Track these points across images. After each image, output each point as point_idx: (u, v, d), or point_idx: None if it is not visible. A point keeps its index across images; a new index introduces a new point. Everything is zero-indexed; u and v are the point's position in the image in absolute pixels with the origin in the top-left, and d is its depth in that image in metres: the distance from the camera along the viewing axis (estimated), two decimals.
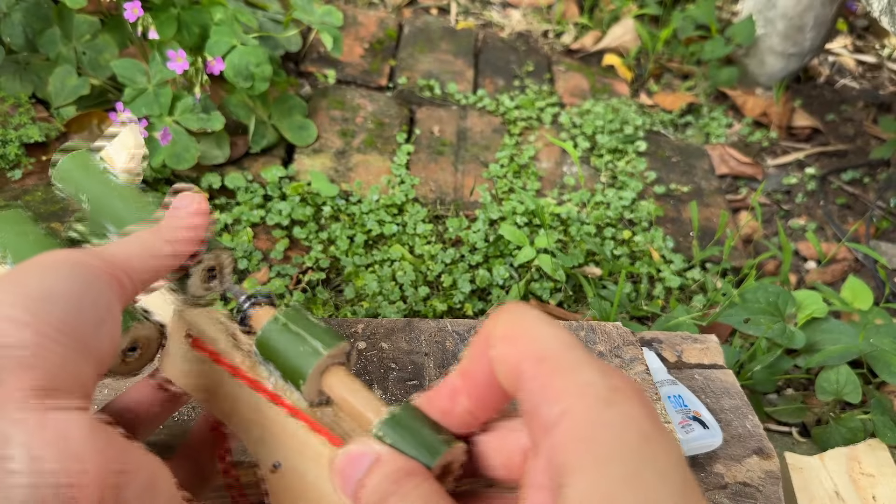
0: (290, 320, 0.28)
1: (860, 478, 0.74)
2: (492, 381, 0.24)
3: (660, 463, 0.19)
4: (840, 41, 1.77)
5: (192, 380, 0.30)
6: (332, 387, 0.27)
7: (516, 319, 0.23)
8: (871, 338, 0.86)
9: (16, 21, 0.97)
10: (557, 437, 0.20)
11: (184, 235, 0.29)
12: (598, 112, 1.35)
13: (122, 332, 0.29)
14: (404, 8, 1.56)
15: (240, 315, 0.30)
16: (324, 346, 0.27)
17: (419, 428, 0.24)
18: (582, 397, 0.20)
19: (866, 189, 1.34)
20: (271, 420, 0.28)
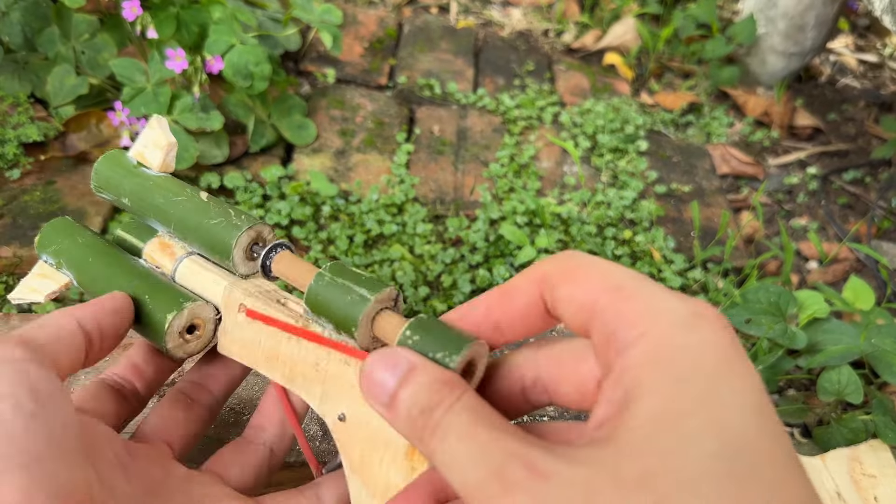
0: (335, 273, 0.28)
1: (862, 478, 0.74)
2: (532, 311, 0.24)
3: (736, 386, 0.19)
4: (841, 40, 1.76)
5: (252, 351, 0.31)
6: (383, 330, 0.27)
7: (580, 259, 0.23)
8: (872, 338, 0.85)
9: (14, 20, 0.97)
10: (632, 358, 0.20)
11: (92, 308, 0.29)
12: (599, 111, 1.35)
13: (176, 314, 0.31)
14: (404, 7, 1.55)
15: (262, 264, 0.32)
16: (370, 292, 0.27)
17: (443, 328, 0.25)
18: (661, 321, 0.20)
19: (868, 189, 1.34)
20: (331, 374, 0.28)
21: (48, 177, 0.98)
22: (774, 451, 0.19)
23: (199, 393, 0.34)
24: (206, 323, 0.33)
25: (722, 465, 0.18)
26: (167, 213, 0.34)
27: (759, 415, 0.19)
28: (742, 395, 0.19)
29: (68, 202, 0.94)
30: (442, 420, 0.22)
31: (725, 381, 0.19)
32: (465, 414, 0.21)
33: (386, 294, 0.28)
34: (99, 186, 0.36)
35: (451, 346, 0.24)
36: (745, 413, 0.19)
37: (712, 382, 0.19)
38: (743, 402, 0.19)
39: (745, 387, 0.19)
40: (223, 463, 0.32)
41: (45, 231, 0.36)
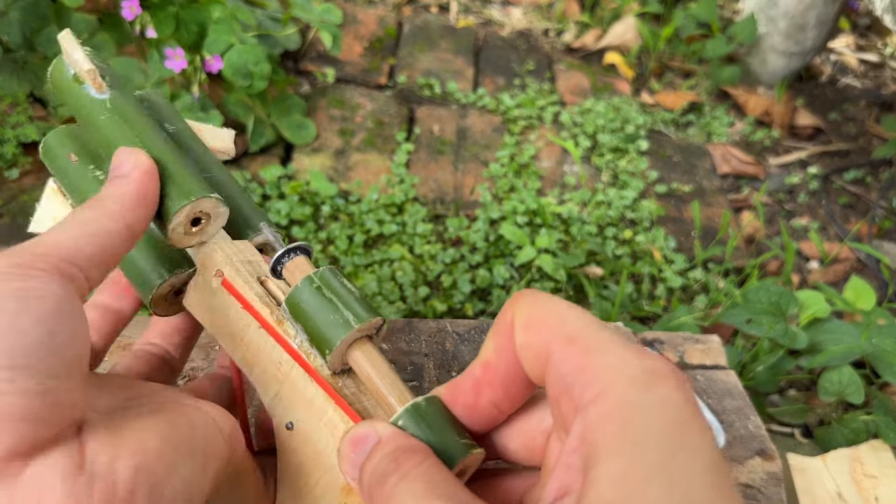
0: (325, 283, 0.26)
1: (863, 479, 0.74)
2: (516, 371, 0.23)
3: (693, 446, 0.19)
4: (842, 40, 1.76)
5: (217, 320, 0.29)
6: (357, 361, 0.26)
7: (538, 304, 0.22)
8: (873, 338, 0.85)
9: (13, 20, 0.97)
10: (591, 417, 0.20)
11: (134, 202, 0.25)
12: (600, 111, 1.34)
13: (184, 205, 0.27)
14: (404, 6, 1.55)
15: (275, 266, 0.29)
16: (355, 318, 0.26)
17: (442, 426, 0.23)
18: (618, 378, 0.20)
19: (869, 189, 1.34)
20: (292, 380, 0.27)
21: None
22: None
23: (159, 350, 0.33)
24: (211, 219, 0.29)
25: None
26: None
27: (716, 481, 0.19)
28: (698, 455, 0.19)
29: None
30: (396, 488, 0.21)
31: (682, 442, 0.19)
32: (419, 483, 0.21)
33: (371, 323, 0.26)
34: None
35: (447, 451, 0.23)
36: (702, 479, 0.19)
37: (670, 445, 0.19)
38: (701, 464, 0.19)
39: (702, 446, 0.19)
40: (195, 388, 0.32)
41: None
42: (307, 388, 0.26)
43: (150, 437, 0.23)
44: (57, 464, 0.20)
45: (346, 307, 0.26)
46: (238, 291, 0.28)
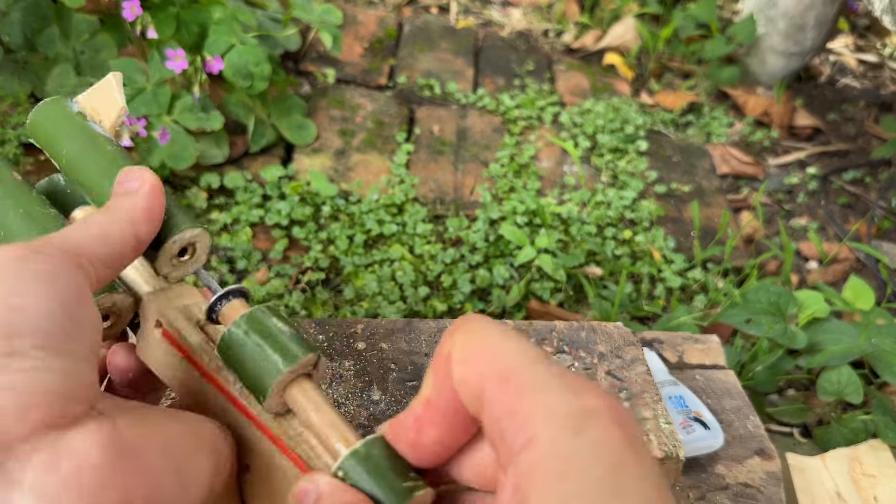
0: (252, 328, 0.26)
1: (861, 478, 0.74)
2: (457, 408, 0.22)
3: (629, 498, 0.18)
4: (841, 40, 1.76)
5: (165, 368, 0.28)
6: (296, 402, 0.25)
7: (473, 336, 0.21)
8: (872, 338, 0.85)
9: (14, 20, 0.97)
10: (522, 467, 0.19)
11: (142, 214, 0.26)
12: (599, 111, 1.35)
13: (98, 297, 0.28)
14: (404, 7, 1.55)
15: (210, 313, 0.28)
16: (285, 361, 0.25)
17: (384, 470, 0.23)
18: (548, 423, 0.19)
19: (868, 189, 1.34)
20: (239, 426, 0.27)
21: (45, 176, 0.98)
22: None
23: None
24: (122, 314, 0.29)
25: None
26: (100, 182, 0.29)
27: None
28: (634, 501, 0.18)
29: None
30: None
31: (617, 489, 0.18)
32: None
33: (302, 363, 0.25)
34: (35, 133, 0.31)
35: (391, 496, 0.22)
36: None
37: (603, 495, 0.18)
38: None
39: (638, 490, 0.18)
40: None
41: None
42: (252, 434, 0.26)
43: (171, 425, 0.23)
44: (92, 434, 0.20)
45: (276, 350, 0.25)
46: (177, 341, 0.28)
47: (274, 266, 0.96)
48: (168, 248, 0.28)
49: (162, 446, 0.22)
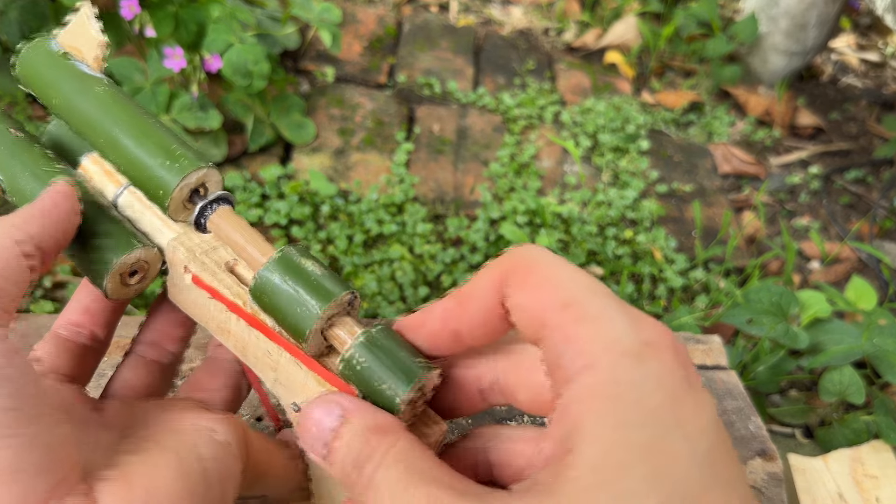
0: (283, 270, 0.25)
1: (864, 479, 0.74)
2: (492, 318, 0.22)
3: (685, 430, 0.18)
4: (843, 39, 1.75)
5: (201, 315, 0.28)
6: (340, 341, 0.25)
7: (535, 263, 0.21)
8: (874, 338, 0.85)
9: (12, 19, 0.97)
10: (576, 391, 0.19)
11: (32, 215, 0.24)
12: (600, 110, 1.34)
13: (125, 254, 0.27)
14: (404, 5, 1.55)
15: (198, 222, 0.27)
16: (320, 302, 0.24)
17: (395, 350, 0.24)
18: (609, 351, 0.19)
19: (870, 188, 1.33)
20: (283, 366, 0.26)
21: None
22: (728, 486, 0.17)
23: (156, 353, 0.32)
24: (150, 268, 0.28)
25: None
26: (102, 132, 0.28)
27: (710, 464, 0.17)
28: (691, 441, 0.17)
29: None
30: (374, 476, 0.21)
31: (673, 425, 0.18)
32: (396, 468, 0.21)
33: (339, 302, 0.25)
34: (25, 79, 0.30)
35: (399, 376, 0.23)
36: (693, 462, 0.17)
37: (658, 427, 0.17)
38: (692, 450, 0.17)
39: (696, 430, 0.18)
40: (196, 386, 0.31)
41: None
42: (298, 373, 0.26)
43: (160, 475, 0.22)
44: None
45: (310, 292, 0.24)
46: (209, 286, 0.27)
47: None
48: (176, 195, 0.27)
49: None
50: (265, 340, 0.26)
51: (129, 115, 0.28)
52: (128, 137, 0.27)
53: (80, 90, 0.28)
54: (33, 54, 0.30)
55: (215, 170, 0.28)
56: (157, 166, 0.27)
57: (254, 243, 0.26)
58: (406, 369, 0.23)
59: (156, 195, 0.27)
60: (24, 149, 0.28)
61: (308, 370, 0.25)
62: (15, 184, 0.28)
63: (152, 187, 0.27)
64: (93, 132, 0.28)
